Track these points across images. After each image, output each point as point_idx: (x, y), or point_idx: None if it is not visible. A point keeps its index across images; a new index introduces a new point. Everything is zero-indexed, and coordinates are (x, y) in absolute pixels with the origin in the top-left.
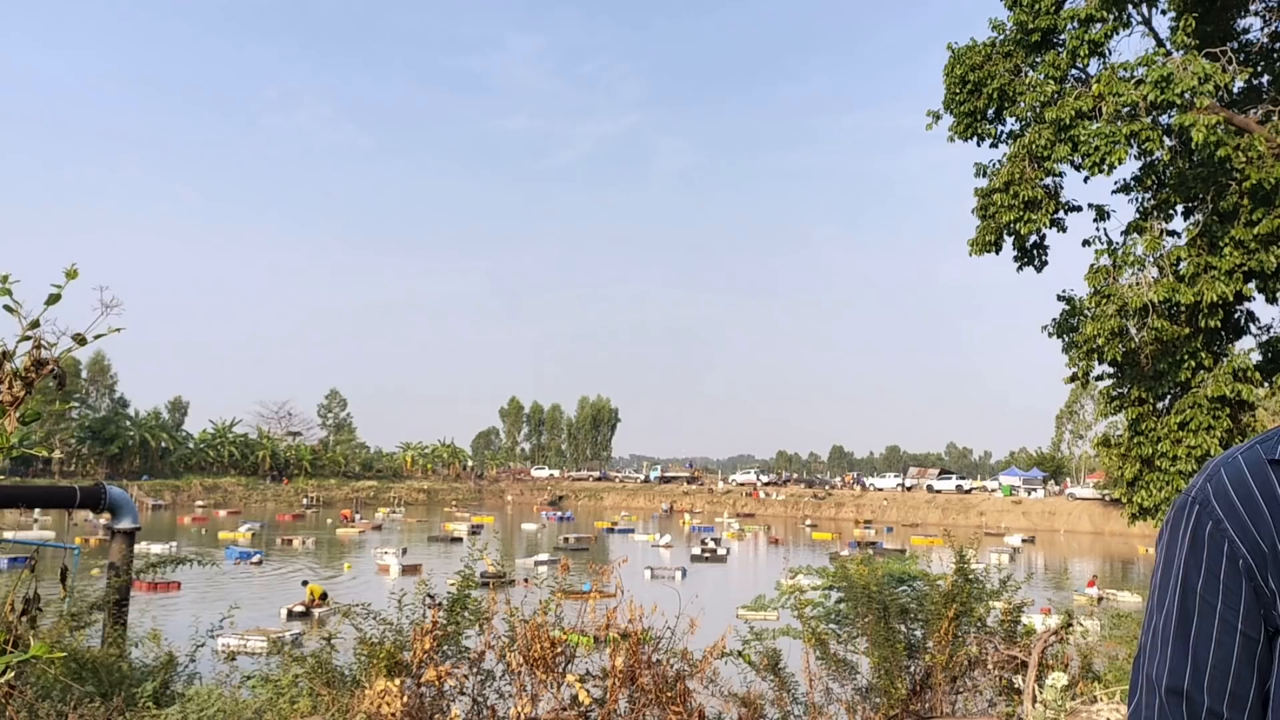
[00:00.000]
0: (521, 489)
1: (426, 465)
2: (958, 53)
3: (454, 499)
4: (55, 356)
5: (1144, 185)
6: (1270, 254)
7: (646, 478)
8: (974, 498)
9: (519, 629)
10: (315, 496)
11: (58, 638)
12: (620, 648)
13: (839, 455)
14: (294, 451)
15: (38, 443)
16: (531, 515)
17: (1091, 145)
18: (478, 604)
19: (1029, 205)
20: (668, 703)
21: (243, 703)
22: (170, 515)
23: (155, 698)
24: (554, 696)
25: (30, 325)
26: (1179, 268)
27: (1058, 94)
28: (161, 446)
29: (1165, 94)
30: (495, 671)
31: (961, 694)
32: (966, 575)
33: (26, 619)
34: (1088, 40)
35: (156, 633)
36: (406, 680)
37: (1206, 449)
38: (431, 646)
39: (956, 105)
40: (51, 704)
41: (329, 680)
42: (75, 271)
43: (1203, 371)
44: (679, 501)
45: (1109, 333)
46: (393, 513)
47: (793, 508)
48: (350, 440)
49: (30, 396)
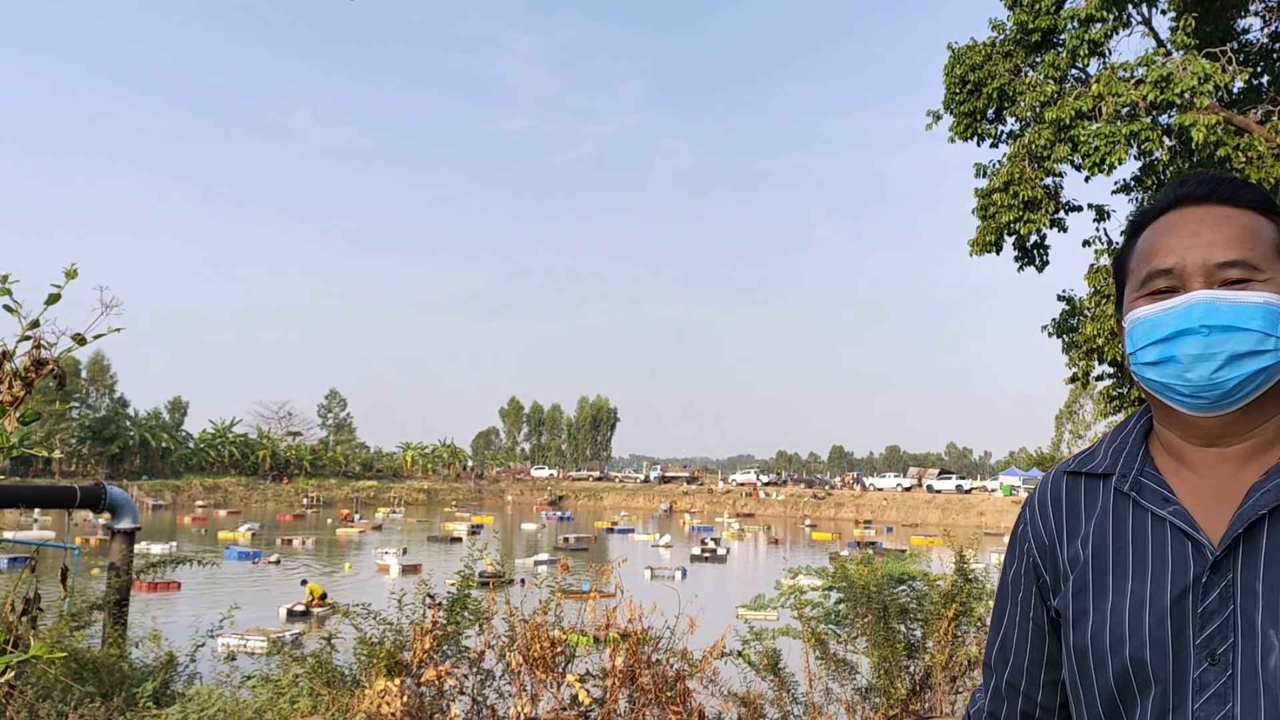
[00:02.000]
0: (521, 489)
1: (426, 465)
2: (958, 53)
3: (454, 499)
4: (55, 356)
5: (1144, 185)
6: None
7: (646, 478)
8: (974, 498)
9: (519, 629)
10: (315, 496)
11: (58, 638)
12: (620, 647)
13: (839, 455)
14: (294, 451)
15: (38, 443)
16: (531, 515)
17: (1091, 145)
18: (478, 604)
19: (1029, 205)
20: (667, 702)
21: (243, 703)
22: (170, 515)
23: (155, 698)
24: (554, 696)
25: (30, 325)
26: None
27: (1058, 94)
28: (161, 446)
29: (1165, 94)
30: (495, 671)
31: (961, 694)
32: (966, 575)
33: (26, 619)
34: (1088, 40)
35: (156, 633)
36: (406, 680)
37: None
38: (431, 646)
39: (956, 105)
40: (52, 704)
41: (329, 680)
42: (75, 271)
43: None
44: (679, 501)
45: (1109, 333)
46: (393, 513)
47: (792, 508)
48: (350, 440)
49: (30, 396)
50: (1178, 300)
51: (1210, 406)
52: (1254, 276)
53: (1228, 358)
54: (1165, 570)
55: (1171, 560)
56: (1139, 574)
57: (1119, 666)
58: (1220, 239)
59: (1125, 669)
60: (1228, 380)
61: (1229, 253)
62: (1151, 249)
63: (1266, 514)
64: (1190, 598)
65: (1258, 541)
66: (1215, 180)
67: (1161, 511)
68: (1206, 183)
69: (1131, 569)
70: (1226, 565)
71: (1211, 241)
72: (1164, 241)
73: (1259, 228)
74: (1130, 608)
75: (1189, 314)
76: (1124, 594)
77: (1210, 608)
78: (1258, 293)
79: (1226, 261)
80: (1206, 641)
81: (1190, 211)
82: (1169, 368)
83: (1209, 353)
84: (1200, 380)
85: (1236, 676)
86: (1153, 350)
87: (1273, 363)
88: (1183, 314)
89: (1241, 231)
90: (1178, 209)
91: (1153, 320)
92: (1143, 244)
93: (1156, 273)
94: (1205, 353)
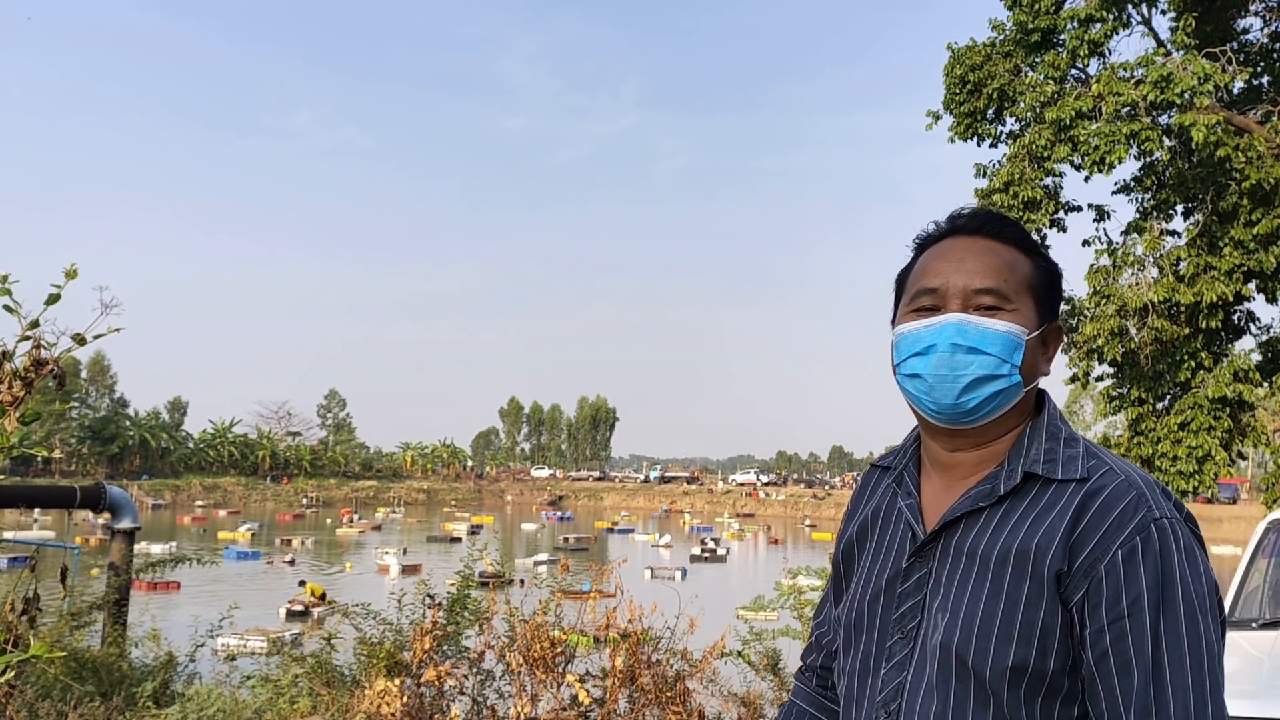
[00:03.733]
0: (521, 489)
1: (426, 465)
2: (957, 53)
3: (454, 499)
4: (55, 356)
5: (1144, 185)
6: (1270, 254)
7: (646, 478)
8: None
9: (519, 629)
10: (315, 496)
11: (58, 638)
12: (620, 648)
13: (839, 455)
14: (294, 451)
15: (38, 443)
16: (531, 515)
17: (1091, 145)
18: (477, 604)
19: (1029, 206)
20: (667, 702)
21: (243, 703)
22: (170, 515)
23: (155, 698)
24: (554, 696)
25: (30, 325)
26: (1179, 268)
27: (1058, 94)
28: (161, 446)
29: (1165, 94)
30: (495, 671)
31: None
32: None
33: (26, 619)
34: (1088, 40)
35: (156, 633)
36: (406, 680)
37: (1207, 449)
38: (431, 646)
39: (956, 105)
40: (51, 704)
41: (329, 680)
42: (75, 271)
43: (1203, 372)
44: (678, 502)
45: (1109, 333)
46: (392, 513)
47: (792, 508)
48: (350, 440)
49: (30, 396)
50: (935, 319)
51: (952, 421)
52: (1004, 305)
53: (970, 380)
54: (892, 554)
55: (897, 546)
56: (877, 554)
57: (843, 631)
58: (981, 268)
59: (844, 633)
60: (968, 401)
61: (986, 281)
62: (923, 269)
63: (962, 516)
64: (900, 580)
65: (950, 538)
66: (986, 216)
67: (901, 504)
68: (978, 218)
69: (874, 550)
70: (929, 555)
71: (973, 269)
72: (934, 264)
73: (1016, 263)
74: (861, 582)
75: (942, 332)
76: (865, 570)
77: (908, 590)
78: (1002, 321)
79: (982, 289)
80: (901, 619)
81: (961, 240)
82: (920, 382)
83: (954, 374)
84: (946, 399)
85: (915, 650)
86: (910, 364)
87: (1007, 386)
88: (937, 331)
89: (1000, 264)
90: (952, 237)
91: (913, 335)
92: (919, 264)
93: (923, 291)
94: (950, 373)
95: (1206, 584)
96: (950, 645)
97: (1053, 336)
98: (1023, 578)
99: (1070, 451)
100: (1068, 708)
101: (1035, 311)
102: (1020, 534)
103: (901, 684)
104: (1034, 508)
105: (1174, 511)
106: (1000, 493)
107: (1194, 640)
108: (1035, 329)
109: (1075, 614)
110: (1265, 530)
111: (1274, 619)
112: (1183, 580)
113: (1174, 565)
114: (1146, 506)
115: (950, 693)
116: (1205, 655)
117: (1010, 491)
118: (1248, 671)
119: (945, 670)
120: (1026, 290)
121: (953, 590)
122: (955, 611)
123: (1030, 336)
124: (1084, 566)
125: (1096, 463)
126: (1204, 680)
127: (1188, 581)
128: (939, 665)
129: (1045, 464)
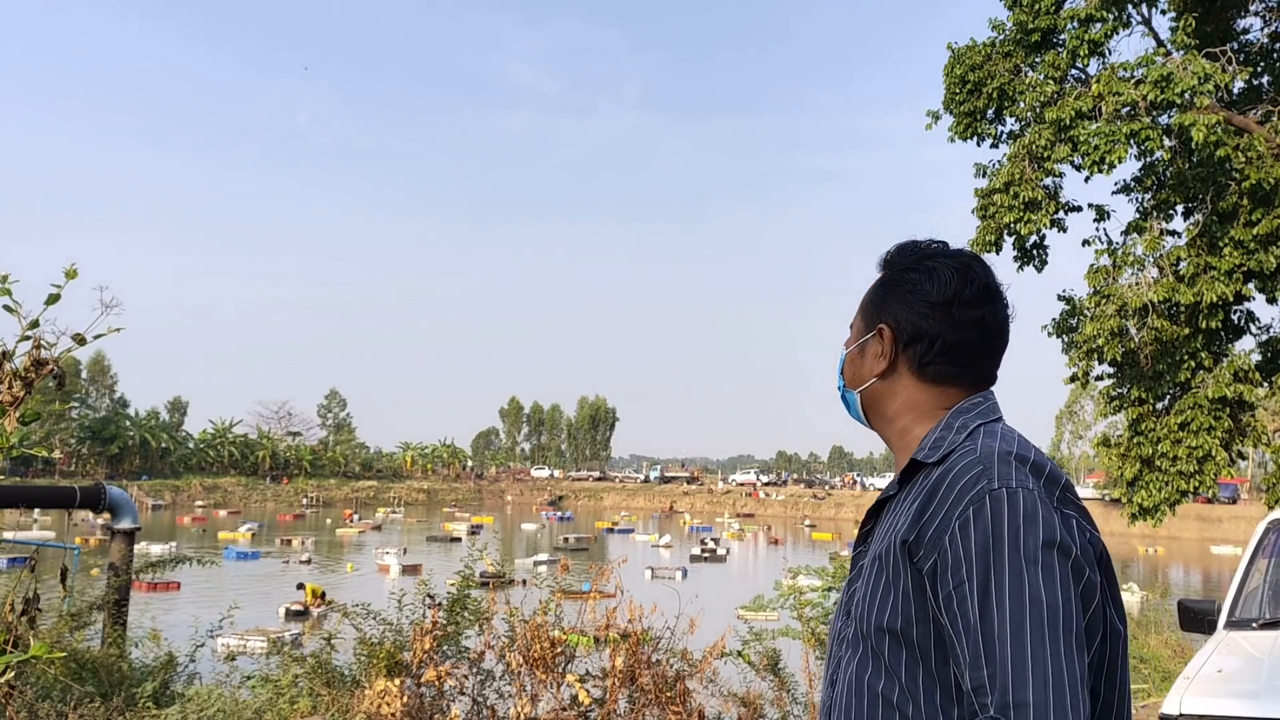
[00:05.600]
0: (521, 489)
1: (426, 465)
2: (957, 53)
3: (454, 499)
4: (55, 356)
5: (1144, 185)
6: (1270, 254)
7: (646, 478)
8: None
9: (519, 629)
10: (315, 496)
11: (58, 638)
12: (620, 648)
13: (839, 455)
14: (294, 451)
15: (38, 443)
16: (531, 515)
17: (1091, 145)
18: (477, 604)
19: (1029, 206)
20: (667, 703)
21: (243, 703)
22: (170, 515)
23: (155, 698)
24: (554, 696)
25: (30, 325)
26: (1179, 268)
27: (1058, 94)
28: (161, 446)
29: (1165, 94)
30: (495, 671)
31: None
32: None
33: (26, 619)
34: (1088, 40)
35: (156, 633)
36: (406, 680)
37: (1207, 449)
38: (431, 646)
39: (956, 105)
40: (51, 704)
41: (329, 680)
42: (75, 271)
43: (1203, 372)
44: (678, 501)
45: (1109, 333)
46: (392, 513)
47: (792, 508)
48: (350, 440)
49: (30, 396)
50: None
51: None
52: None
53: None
54: None
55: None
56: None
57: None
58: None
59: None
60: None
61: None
62: None
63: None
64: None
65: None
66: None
67: None
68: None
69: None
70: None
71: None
72: None
73: (867, 290)
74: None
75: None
76: None
77: (852, 577)
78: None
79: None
80: (846, 602)
81: None
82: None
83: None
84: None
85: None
86: None
87: (844, 396)
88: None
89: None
90: None
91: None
92: None
93: None
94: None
95: (1042, 540)
96: (859, 618)
97: (870, 341)
98: (891, 553)
99: (951, 437)
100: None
101: (862, 325)
102: (900, 514)
103: (840, 657)
104: (912, 491)
105: (1023, 480)
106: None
107: (1016, 594)
108: (856, 342)
109: (928, 584)
110: (1265, 530)
111: (1274, 619)
112: (1012, 540)
113: (1003, 527)
114: (987, 479)
115: (856, 658)
116: (1030, 607)
117: (905, 480)
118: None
119: (855, 641)
120: (861, 311)
121: (863, 571)
122: (861, 590)
123: (850, 351)
124: (931, 539)
125: (967, 444)
126: (1025, 630)
127: (1017, 540)
128: (852, 637)
129: (928, 451)
